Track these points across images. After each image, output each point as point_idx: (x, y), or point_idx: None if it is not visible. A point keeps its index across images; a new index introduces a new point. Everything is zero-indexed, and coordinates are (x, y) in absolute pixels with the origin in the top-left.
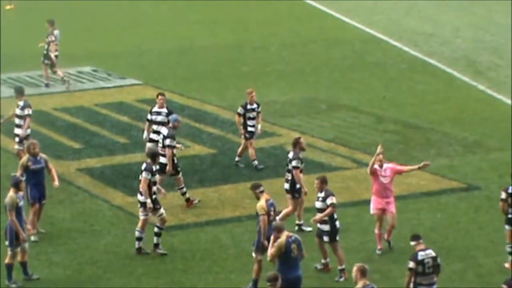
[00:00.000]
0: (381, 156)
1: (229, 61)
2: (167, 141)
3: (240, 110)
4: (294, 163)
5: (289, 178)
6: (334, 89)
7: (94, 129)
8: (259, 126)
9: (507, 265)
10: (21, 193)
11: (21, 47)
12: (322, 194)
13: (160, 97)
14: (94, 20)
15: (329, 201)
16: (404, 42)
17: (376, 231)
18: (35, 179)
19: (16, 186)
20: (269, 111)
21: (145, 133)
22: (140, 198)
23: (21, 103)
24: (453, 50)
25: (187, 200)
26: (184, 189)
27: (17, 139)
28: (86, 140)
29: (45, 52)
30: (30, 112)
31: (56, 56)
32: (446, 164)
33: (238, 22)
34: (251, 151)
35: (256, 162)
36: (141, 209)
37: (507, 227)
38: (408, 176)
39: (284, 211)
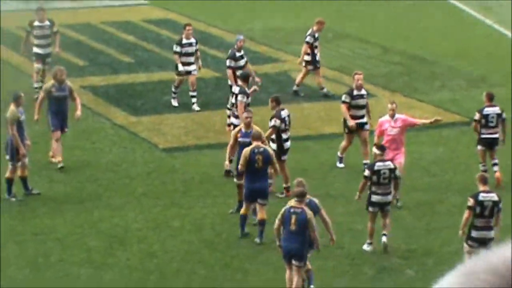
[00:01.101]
0: (394, 105)
1: None
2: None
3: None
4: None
5: None
6: (341, 18)
7: (99, 47)
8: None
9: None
10: (21, 108)
11: None
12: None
13: (187, 27)
14: None
15: (271, 122)
16: None
17: None
18: (58, 106)
19: (16, 100)
20: (274, 37)
21: (180, 66)
22: (234, 121)
23: (46, 22)
24: None
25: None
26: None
27: (36, 58)
28: (90, 58)
29: None
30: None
31: None
32: (449, 97)
33: None
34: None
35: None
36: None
37: (479, 147)
38: (411, 108)
39: None
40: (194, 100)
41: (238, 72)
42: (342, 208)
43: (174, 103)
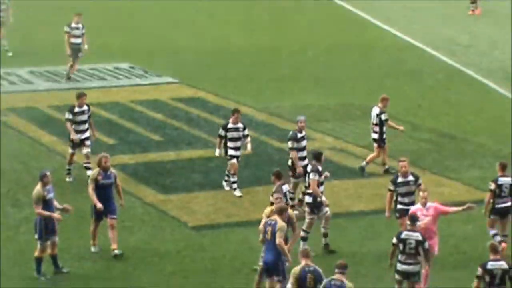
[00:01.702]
0: (426, 193)
1: (265, 63)
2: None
3: None
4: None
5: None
6: (370, 96)
7: (129, 125)
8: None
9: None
10: (49, 187)
11: (57, 40)
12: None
13: (235, 114)
14: (133, 17)
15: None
16: (441, 52)
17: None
18: (104, 194)
19: (41, 179)
20: (304, 114)
21: (217, 150)
22: (308, 199)
23: (85, 107)
24: (490, 61)
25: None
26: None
27: (87, 143)
28: (120, 136)
29: (78, 45)
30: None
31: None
32: (479, 175)
33: (276, 25)
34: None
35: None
36: (308, 210)
37: (492, 216)
38: (441, 186)
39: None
40: (235, 186)
41: (299, 153)
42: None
43: (237, 193)
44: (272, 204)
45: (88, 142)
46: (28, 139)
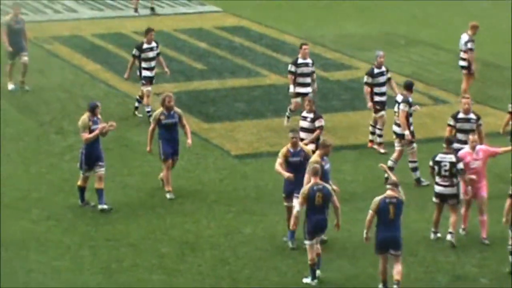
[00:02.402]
0: (475, 137)
1: None
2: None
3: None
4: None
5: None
6: (413, 24)
7: (172, 54)
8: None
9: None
10: (96, 118)
11: None
12: (311, 115)
13: (304, 47)
14: None
15: (317, 123)
16: None
17: (463, 212)
18: (168, 134)
19: (92, 110)
20: (346, 43)
21: (291, 87)
22: (397, 129)
23: (154, 44)
24: None
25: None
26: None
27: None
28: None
29: None
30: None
31: None
32: None
33: None
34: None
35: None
36: (396, 140)
37: None
38: (485, 116)
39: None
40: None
41: (376, 89)
42: (416, 215)
43: (286, 122)
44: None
45: (153, 81)
46: (72, 67)
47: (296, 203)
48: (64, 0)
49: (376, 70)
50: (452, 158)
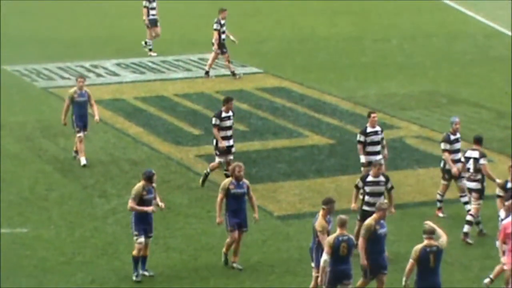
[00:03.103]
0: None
1: (348, 51)
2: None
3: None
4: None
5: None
6: (455, 83)
7: None
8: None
9: None
10: (151, 187)
11: (142, 32)
12: (382, 178)
13: (372, 115)
14: (215, 7)
15: (389, 185)
16: None
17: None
18: (236, 204)
19: (147, 178)
20: (388, 103)
21: (362, 157)
22: (475, 185)
23: (230, 112)
24: None
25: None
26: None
27: (233, 150)
28: (205, 126)
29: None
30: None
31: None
32: None
33: (358, 13)
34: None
35: None
36: (475, 196)
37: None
38: None
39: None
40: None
41: (452, 156)
42: (460, 275)
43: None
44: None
45: (233, 149)
46: (114, 130)
47: (324, 254)
48: (106, 64)
49: (452, 137)
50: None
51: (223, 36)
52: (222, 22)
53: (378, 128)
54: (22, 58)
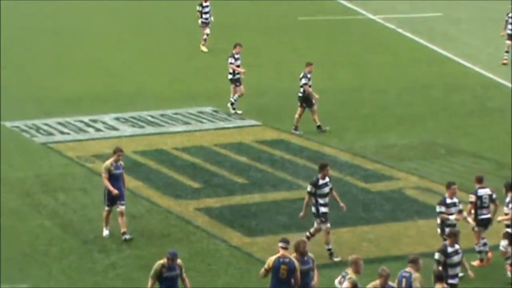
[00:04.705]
0: None
1: (347, 103)
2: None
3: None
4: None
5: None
6: (454, 134)
7: (213, 169)
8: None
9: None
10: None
11: (140, 85)
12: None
13: (452, 186)
14: (215, 59)
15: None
16: None
17: None
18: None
19: (171, 259)
20: (387, 154)
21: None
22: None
23: (327, 179)
24: None
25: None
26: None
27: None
28: (205, 179)
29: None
30: None
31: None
32: None
33: (357, 64)
34: None
35: None
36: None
37: (476, 228)
38: None
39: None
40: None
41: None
42: None
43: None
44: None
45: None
46: None
47: None
48: (105, 119)
49: (448, 200)
50: None
51: (303, 89)
52: (309, 76)
53: (455, 200)
54: (22, 114)
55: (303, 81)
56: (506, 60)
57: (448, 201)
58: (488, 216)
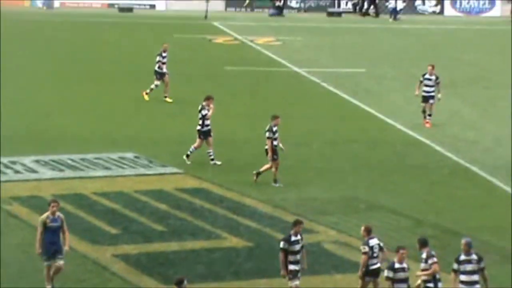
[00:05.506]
0: None
1: None
2: None
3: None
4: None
5: None
6: (374, 189)
7: (132, 215)
8: None
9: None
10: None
11: (62, 128)
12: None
13: (401, 251)
14: (139, 107)
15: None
16: (446, 148)
17: None
18: None
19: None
20: (308, 207)
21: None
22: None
23: (299, 236)
24: (495, 158)
25: None
26: None
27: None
28: (124, 226)
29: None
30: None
31: None
32: None
33: (280, 117)
34: None
35: None
36: None
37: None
38: (445, 282)
39: None
40: None
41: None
42: None
43: None
44: None
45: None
46: (30, 228)
47: None
48: (25, 161)
49: (397, 265)
50: None
51: (275, 143)
52: (274, 129)
53: (405, 265)
54: None
55: (267, 134)
56: (429, 123)
57: (397, 265)
58: (379, 265)
